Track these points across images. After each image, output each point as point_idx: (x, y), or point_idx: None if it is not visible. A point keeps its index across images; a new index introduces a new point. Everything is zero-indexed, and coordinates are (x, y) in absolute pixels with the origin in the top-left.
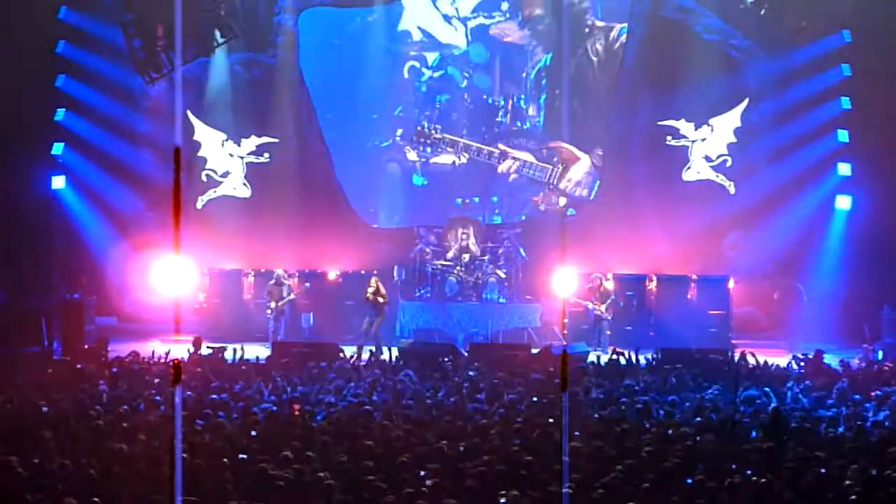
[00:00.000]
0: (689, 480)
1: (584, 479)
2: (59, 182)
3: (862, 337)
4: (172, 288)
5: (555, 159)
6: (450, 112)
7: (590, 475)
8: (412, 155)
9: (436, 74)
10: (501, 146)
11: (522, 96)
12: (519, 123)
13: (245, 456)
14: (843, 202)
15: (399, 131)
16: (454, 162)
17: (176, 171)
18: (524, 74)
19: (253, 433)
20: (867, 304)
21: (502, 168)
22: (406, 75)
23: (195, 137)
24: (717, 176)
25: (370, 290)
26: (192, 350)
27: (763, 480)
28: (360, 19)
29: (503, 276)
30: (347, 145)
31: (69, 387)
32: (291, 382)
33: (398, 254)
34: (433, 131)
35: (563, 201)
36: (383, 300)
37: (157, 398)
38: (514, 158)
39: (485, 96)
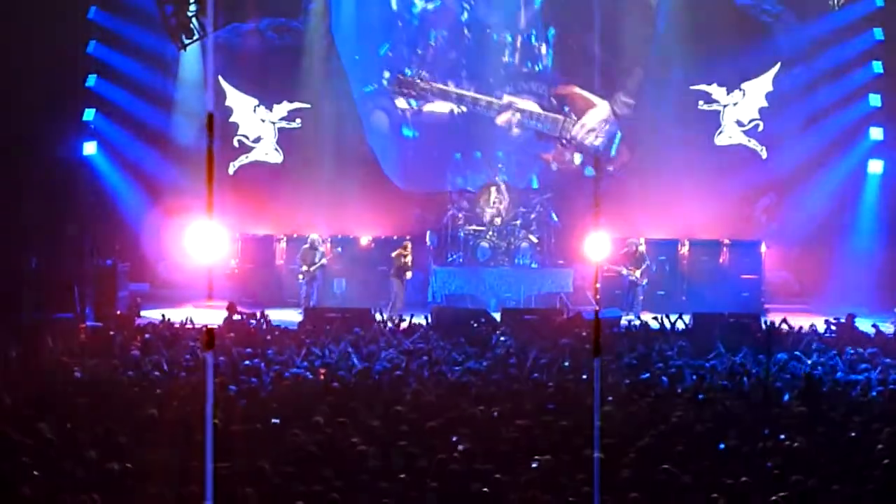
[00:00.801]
0: (722, 445)
1: (617, 443)
2: (90, 148)
3: (894, 301)
4: (205, 254)
5: (566, 108)
6: (446, 51)
7: (622, 440)
8: (401, 102)
9: (430, 5)
10: (507, 96)
11: (534, 31)
12: (530, 64)
13: (277, 421)
14: (876, 166)
15: (386, 74)
16: (452, 110)
17: (209, 136)
18: (537, 4)
19: (286, 398)
20: None
21: (501, 120)
22: (394, 6)
23: (227, 103)
24: (749, 140)
25: (405, 253)
26: (226, 315)
27: (796, 444)
28: None
29: (535, 240)
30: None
31: (102, 353)
32: (324, 348)
33: (430, 219)
34: (419, 80)
35: (578, 159)
36: (406, 267)
37: (191, 363)
38: (516, 109)
39: (488, 31)
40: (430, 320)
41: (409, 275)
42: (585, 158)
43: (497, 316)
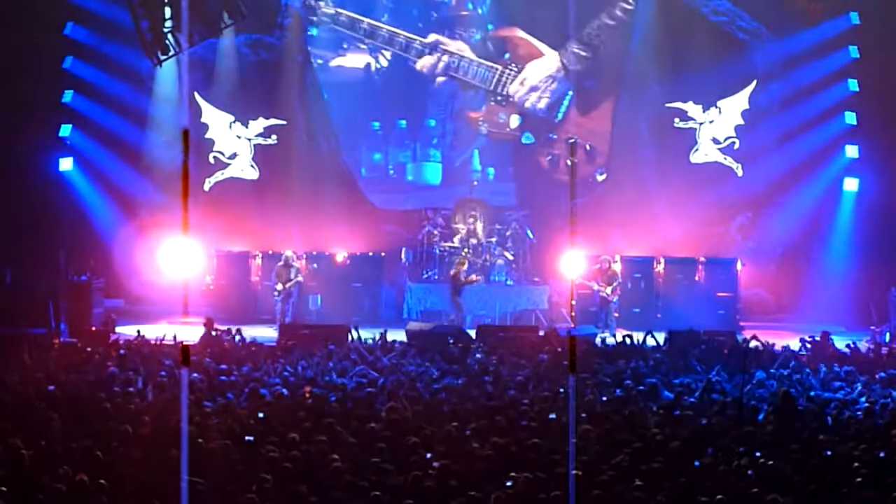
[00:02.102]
0: (698, 463)
1: (593, 460)
2: (66, 164)
3: (869, 319)
4: (180, 270)
5: (506, 55)
6: None
7: (598, 457)
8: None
9: None
10: (434, 35)
11: None
12: (471, 6)
13: (252, 438)
14: (851, 184)
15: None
16: (369, 65)
17: (185, 152)
18: None
19: (261, 415)
20: (875, 287)
21: (422, 65)
22: None
23: (202, 119)
24: (725, 158)
25: (462, 267)
26: (203, 331)
27: (771, 462)
28: None
29: (511, 257)
30: None
31: (76, 369)
32: (299, 365)
33: (406, 236)
34: (322, 3)
35: (515, 121)
36: (462, 278)
37: (165, 380)
38: (444, 51)
39: None
40: (405, 337)
41: (474, 277)
42: (525, 121)
43: (472, 333)
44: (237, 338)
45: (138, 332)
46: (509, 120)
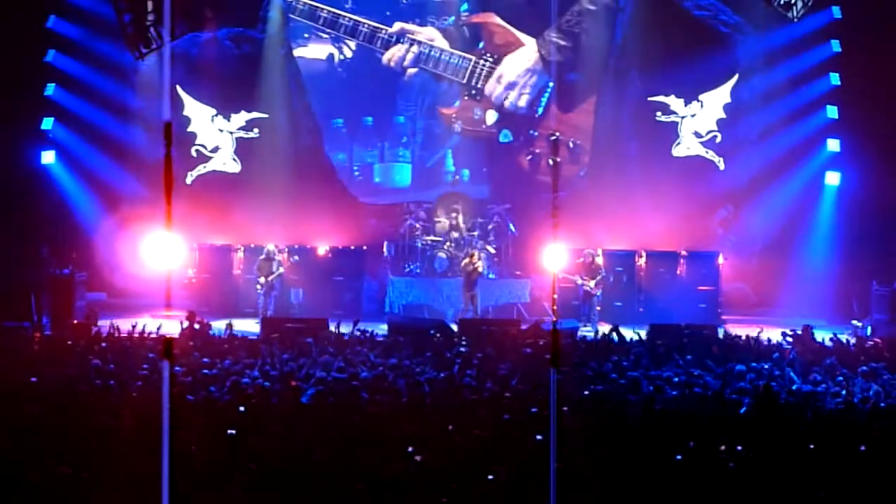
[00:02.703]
0: (679, 456)
1: (575, 454)
2: (48, 157)
3: (851, 313)
4: (162, 263)
5: (480, 44)
6: None
7: (580, 451)
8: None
9: None
10: (399, 23)
11: None
12: None
13: (234, 431)
14: (833, 178)
15: None
16: (331, 56)
17: (167, 145)
18: None
19: (242, 409)
20: (856, 280)
21: (390, 56)
22: None
23: (185, 113)
24: (707, 152)
25: (472, 261)
26: (185, 325)
27: (752, 455)
28: None
29: (493, 251)
30: None
31: (58, 362)
32: (280, 358)
33: (388, 229)
34: None
35: (491, 117)
36: (476, 273)
37: (147, 373)
38: (413, 41)
39: None
40: (387, 330)
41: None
42: (502, 118)
43: (454, 327)
44: (225, 331)
45: (113, 324)
46: (485, 116)
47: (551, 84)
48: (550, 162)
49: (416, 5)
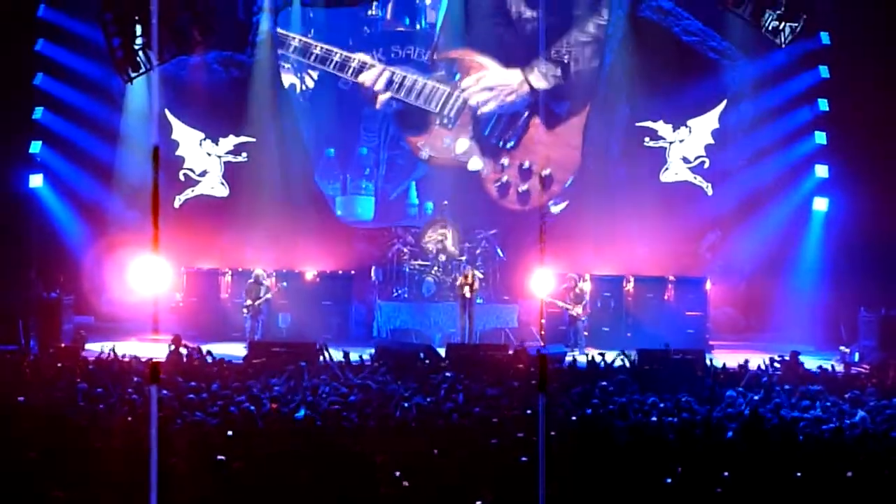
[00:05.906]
0: (668, 480)
1: (562, 479)
2: (36, 180)
3: (839, 338)
4: (150, 287)
5: (456, 76)
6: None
7: (567, 476)
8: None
9: None
10: (363, 56)
11: None
12: (408, 21)
13: (223, 457)
14: (821, 204)
15: None
16: (294, 87)
17: (155, 169)
18: None
19: (230, 433)
20: (844, 306)
21: (364, 78)
22: None
23: (173, 136)
24: (695, 177)
25: (467, 280)
26: (171, 348)
27: (739, 481)
28: None
29: (481, 276)
30: None
31: (46, 386)
32: (268, 384)
33: (376, 254)
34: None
35: (462, 146)
36: (472, 291)
37: (135, 397)
38: (386, 67)
39: None
40: (374, 355)
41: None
42: (472, 146)
43: (442, 351)
44: (207, 357)
45: (102, 349)
46: (455, 145)
47: (526, 114)
48: (519, 191)
49: (380, 35)
